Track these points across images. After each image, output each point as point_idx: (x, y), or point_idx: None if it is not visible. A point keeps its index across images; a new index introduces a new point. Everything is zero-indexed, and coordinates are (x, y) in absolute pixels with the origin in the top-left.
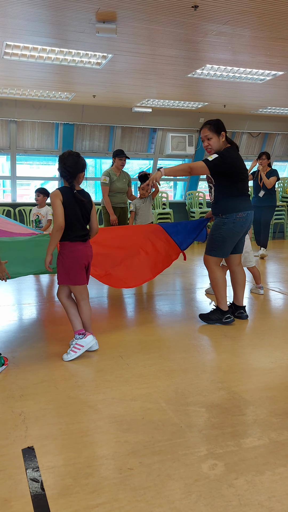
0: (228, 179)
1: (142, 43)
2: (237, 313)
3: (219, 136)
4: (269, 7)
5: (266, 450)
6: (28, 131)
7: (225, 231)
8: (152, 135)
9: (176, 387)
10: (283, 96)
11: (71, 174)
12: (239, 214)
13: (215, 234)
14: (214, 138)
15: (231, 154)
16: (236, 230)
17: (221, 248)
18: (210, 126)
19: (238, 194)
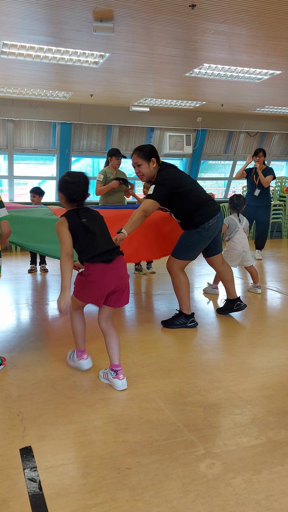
0: (179, 198)
1: (140, 42)
2: (235, 306)
3: (149, 162)
4: (267, 6)
5: (263, 449)
6: (25, 130)
7: (198, 238)
8: (150, 134)
9: (174, 387)
10: (281, 95)
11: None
12: (211, 222)
13: (187, 239)
14: (144, 165)
15: (164, 175)
16: (209, 236)
17: (191, 252)
18: (139, 153)
19: (198, 203)
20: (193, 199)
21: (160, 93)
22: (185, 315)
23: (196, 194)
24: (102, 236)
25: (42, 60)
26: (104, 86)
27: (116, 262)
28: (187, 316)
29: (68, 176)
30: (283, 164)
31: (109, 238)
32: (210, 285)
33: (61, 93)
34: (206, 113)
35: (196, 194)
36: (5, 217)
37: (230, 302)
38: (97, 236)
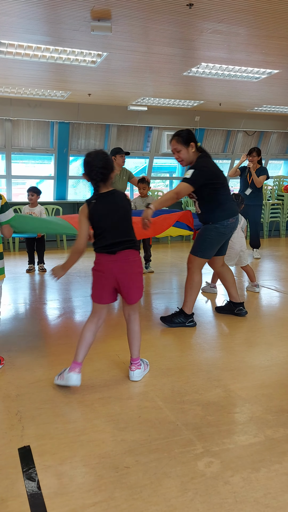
0: (211, 189)
1: (137, 41)
2: (236, 310)
3: (188, 147)
4: (264, 5)
5: (261, 448)
6: (23, 130)
7: (216, 235)
8: (148, 133)
9: (172, 386)
10: (278, 94)
11: (104, 175)
12: (230, 220)
13: (205, 235)
14: (183, 150)
15: (206, 163)
16: (226, 234)
17: (209, 250)
18: (178, 138)
19: (224, 200)
20: (222, 194)
21: (158, 93)
22: (185, 315)
23: (225, 191)
24: (114, 227)
25: (39, 60)
26: (102, 86)
27: (121, 255)
28: (186, 315)
29: (87, 156)
30: (281, 163)
31: (122, 230)
32: (208, 284)
33: (59, 93)
34: (204, 112)
35: (225, 191)
36: (9, 221)
37: (233, 305)
38: (108, 227)
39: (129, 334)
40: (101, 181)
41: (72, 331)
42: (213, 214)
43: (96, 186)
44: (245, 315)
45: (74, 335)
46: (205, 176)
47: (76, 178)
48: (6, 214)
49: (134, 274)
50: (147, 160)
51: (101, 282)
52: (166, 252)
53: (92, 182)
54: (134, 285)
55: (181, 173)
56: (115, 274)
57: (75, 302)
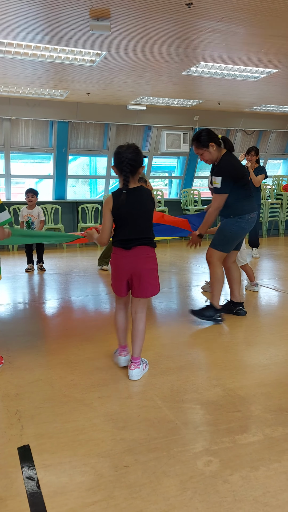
0: (235, 185)
1: (136, 40)
2: (236, 310)
3: (208, 148)
4: (263, 5)
5: (260, 446)
6: (22, 129)
7: (237, 229)
8: (147, 132)
9: (171, 385)
10: (277, 93)
11: (132, 167)
12: (251, 215)
13: (226, 229)
14: (205, 153)
15: (229, 162)
16: (246, 229)
17: (229, 244)
18: (197, 143)
19: (246, 195)
20: (245, 189)
21: (157, 92)
22: (215, 309)
23: (248, 187)
24: (134, 224)
25: (38, 59)
26: (101, 85)
27: (135, 250)
28: (216, 310)
29: (118, 148)
30: (280, 162)
31: (141, 227)
32: (207, 283)
33: (58, 92)
34: (203, 112)
35: (248, 187)
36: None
37: (233, 305)
38: (128, 222)
39: (133, 332)
40: (130, 173)
41: (71, 331)
42: (236, 208)
43: (126, 179)
44: (244, 315)
45: (73, 335)
46: (232, 177)
47: (75, 177)
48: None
49: (146, 270)
50: (146, 160)
51: (117, 275)
52: (165, 252)
53: (121, 174)
54: (145, 280)
55: (181, 172)
56: (128, 268)
57: (74, 301)
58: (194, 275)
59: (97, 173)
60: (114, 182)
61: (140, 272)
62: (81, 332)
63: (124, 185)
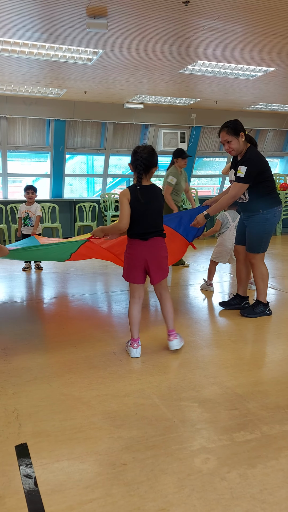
0: (261, 177)
1: (133, 38)
2: (244, 304)
3: (238, 137)
4: (260, 3)
5: (258, 444)
6: (19, 128)
7: (270, 226)
8: (144, 131)
9: (169, 383)
10: (274, 92)
11: (146, 166)
12: (278, 208)
13: (261, 231)
14: (233, 141)
15: (256, 155)
16: (276, 223)
17: (267, 243)
18: (227, 129)
19: (273, 189)
20: (270, 182)
21: (154, 90)
22: (263, 304)
23: (272, 179)
24: (149, 217)
25: (35, 57)
26: (98, 83)
27: (152, 241)
28: (265, 305)
29: (136, 148)
30: (277, 161)
31: (154, 220)
32: (205, 282)
33: (54, 90)
34: (200, 110)
35: (272, 179)
36: None
37: (240, 299)
38: (143, 216)
39: (163, 310)
40: (144, 172)
41: (69, 329)
42: (263, 201)
43: (139, 176)
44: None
45: (71, 333)
46: (258, 169)
47: (72, 176)
48: None
49: (161, 257)
50: None
51: (134, 263)
52: None
53: (136, 172)
54: (160, 267)
55: None
56: (146, 257)
57: (72, 300)
58: (191, 273)
59: (94, 171)
60: (112, 181)
61: (157, 259)
62: (79, 330)
63: (138, 182)
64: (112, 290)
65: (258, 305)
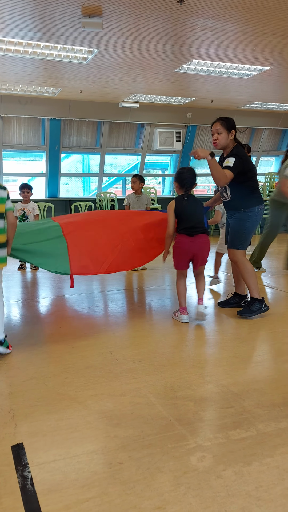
0: (245, 176)
1: (129, 37)
2: (243, 302)
3: (229, 133)
4: (255, 2)
5: (253, 442)
6: (14, 127)
7: (251, 224)
8: (140, 130)
9: (165, 382)
10: (269, 91)
11: (191, 184)
12: (260, 207)
13: (241, 228)
14: (223, 134)
15: (243, 153)
16: (257, 222)
17: (247, 240)
18: (222, 122)
19: (255, 188)
20: (253, 182)
21: (149, 89)
22: (258, 300)
23: (256, 179)
24: (193, 217)
25: (30, 56)
26: (94, 82)
27: (197, 237)
28: (260, 300)
29: (181, 169)
30: (273, 159)
31: (198, 220)
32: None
33: (50, 89)
34: (196, 109)
35: (256, 179)
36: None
37: (239, 297)
38: (189, 216)
39: (197, 284)
40: (190, 188)
41: (65, 329)
42: (245, 200)
43: (187, 191)
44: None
45: (67, 333)
46: (243, 164)
47: (68, 175)
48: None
49: (205, 251)
50: (139, 157)
51: (182, 255)
52: None
53: (183, 188)
54: (203, 258)
55: (173, 170)
56: (192, 250)
57: (68, 299)
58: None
59: (90, 170)
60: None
61: (202, 253)
62: (75, 330)
63: (185, 194)
64: (108, 289)
65: (253, 303)
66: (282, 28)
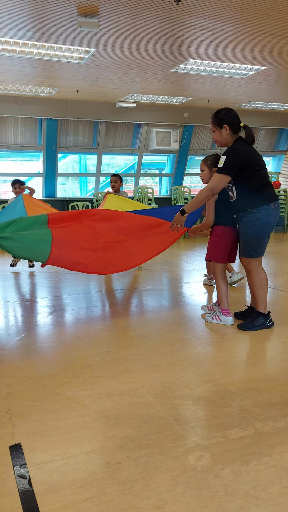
0: (248, 172)
1: (125, 37)
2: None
3: (221, 129)
4: (251, 2)
5: (251, 441)
6: (11, 127)
7: (261, 226)
8: (137, 130)
9: (163, 381)
10: (266, 91)
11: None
12: (271, 205)
13: (250, 232)
14: (216, 132)
15: (239, 146)
16: (271, 223)
17: (260, 245)
18: (213, 118)
19: (264, 183)
20: (262, 177)
21: (146, 89)
22: (263, 315)
23: (265, 173)
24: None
25: (26, 56)
26: (90, 82)
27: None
28: (265, 315)
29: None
30: (269, 159)
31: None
32: (206, 276)
33: (46, 89)
34: (192, 109)
35: (265, 173)
36: None
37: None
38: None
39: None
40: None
41: (62, 329)
42: (252, 199)
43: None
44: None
45: (64, 333)
46: (239, 160)
47: (65, 175)
48: None
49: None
50: (136, 157)
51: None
52: None
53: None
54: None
55: (170, 170)
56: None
57: (66, 299)
58: (185, 272)
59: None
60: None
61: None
62: (72, 330)
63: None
64: (105, 288)
65: (257, 317)
66: (278, 28)
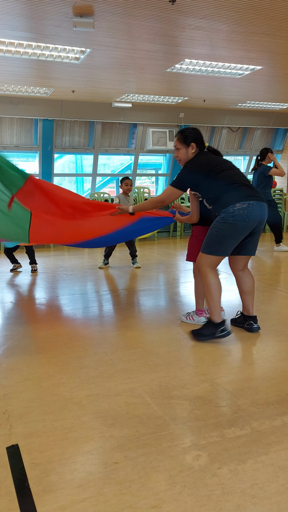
0: (207, 181)
1: (120, 37)
2: (246, 324)
3: (188, 147)
4: (246, 2)
5: (248, 440)
6: (6, 127)
7: (224, 226)
8: (133, 130)
9: (160, 381)
10: (261, 90)
11: None
12: (237, 205)
13: (212, 229)
14: (182, 150)
15: (195, 159)
16: (238, 225)
17: (217, 245)
18: (179, 136)
19: (229, 184)
20: (224, 179)
21: (142, 89)
22: (213, 324)
23: (229, 175)
24: None
25: (22, 56)
26: (86, 82)
27: None
28: (216, 324)
29: None
30: None
31: None
32: None
33: (42, 89)
34: (188, 109)
35: (229, 175)
36: None
37: (244, 318)
38: None
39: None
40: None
41: (59, 329)
42: (219, 203)
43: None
44: (256, 331)
45: (61, 333)
46: (194, 173)
47: (61, 175)
48: None
49: None
50: (132, 157)
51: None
52: (152, 249)
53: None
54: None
55: (167, 170)
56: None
57: (62, 300)
58: (181, 272)
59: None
60: (101, 180)
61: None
62: (69, 330)
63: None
64: (102, 289)
65: (208, 326)
66: (273, 28)
